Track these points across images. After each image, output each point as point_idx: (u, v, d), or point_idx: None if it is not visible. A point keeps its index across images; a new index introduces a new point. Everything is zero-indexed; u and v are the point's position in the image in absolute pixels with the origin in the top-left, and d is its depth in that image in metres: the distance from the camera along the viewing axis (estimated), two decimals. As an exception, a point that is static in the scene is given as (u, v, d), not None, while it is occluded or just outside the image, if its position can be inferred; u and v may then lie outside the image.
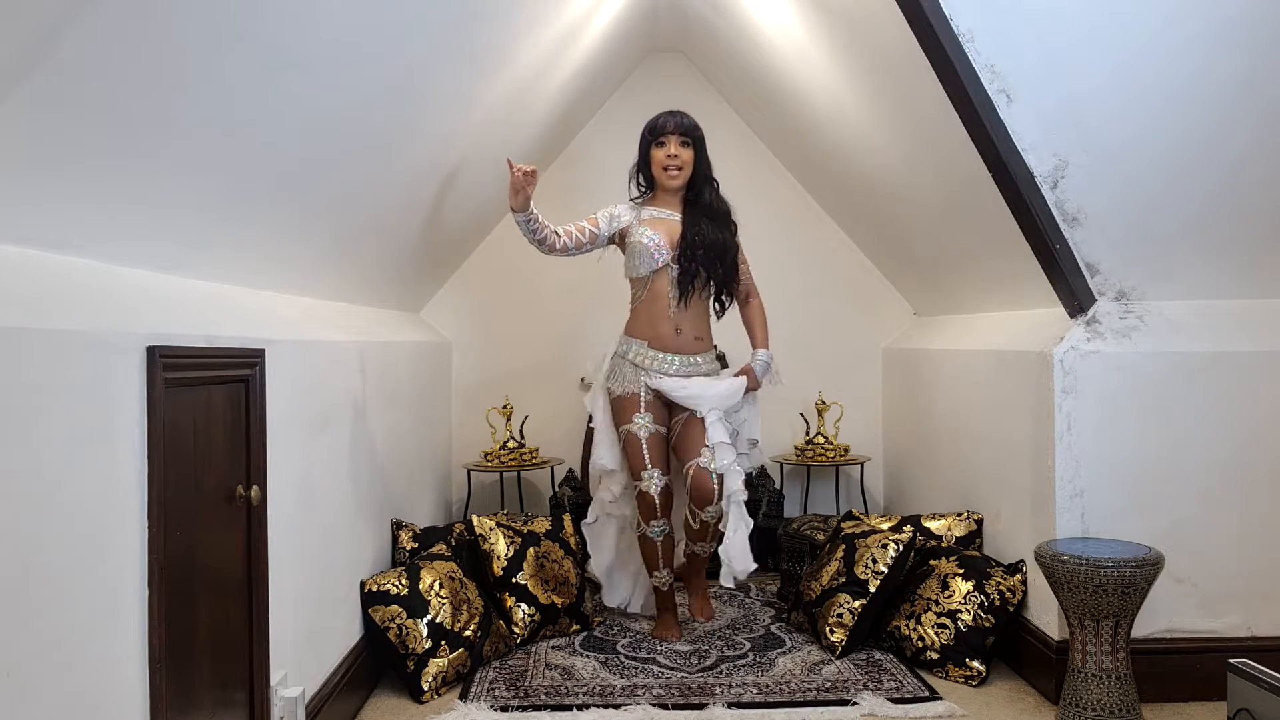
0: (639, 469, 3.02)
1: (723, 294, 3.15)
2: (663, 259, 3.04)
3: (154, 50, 1.32)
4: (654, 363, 3.05)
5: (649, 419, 3.03)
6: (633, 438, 3.04)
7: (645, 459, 3.01)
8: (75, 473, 1.28)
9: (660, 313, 3.06)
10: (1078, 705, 2.31)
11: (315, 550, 2.27)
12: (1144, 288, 2.63)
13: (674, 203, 3.13)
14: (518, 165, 2.88)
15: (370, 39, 1.93)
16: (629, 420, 3.05)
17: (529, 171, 2.89)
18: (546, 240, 3.03)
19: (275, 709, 1.92)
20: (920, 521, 3.20)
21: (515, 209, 2.94)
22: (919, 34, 2.30)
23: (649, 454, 3.01)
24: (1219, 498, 2.59)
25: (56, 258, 1.35)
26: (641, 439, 3.02)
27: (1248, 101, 2.28)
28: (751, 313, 3.23)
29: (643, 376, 3.05)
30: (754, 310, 3.23)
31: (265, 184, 1.88)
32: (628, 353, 3.09)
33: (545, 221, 3.02)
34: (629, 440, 3.05)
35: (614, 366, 3.13)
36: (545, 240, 3.03)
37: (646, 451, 3.01)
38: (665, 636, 3.07)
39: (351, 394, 2.62)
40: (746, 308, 3.23)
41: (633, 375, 3.06)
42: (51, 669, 1.23)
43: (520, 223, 2.98)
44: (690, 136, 3.08)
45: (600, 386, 3.19)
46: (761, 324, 3.21)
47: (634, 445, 3.03)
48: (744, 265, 3.18)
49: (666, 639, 3.06)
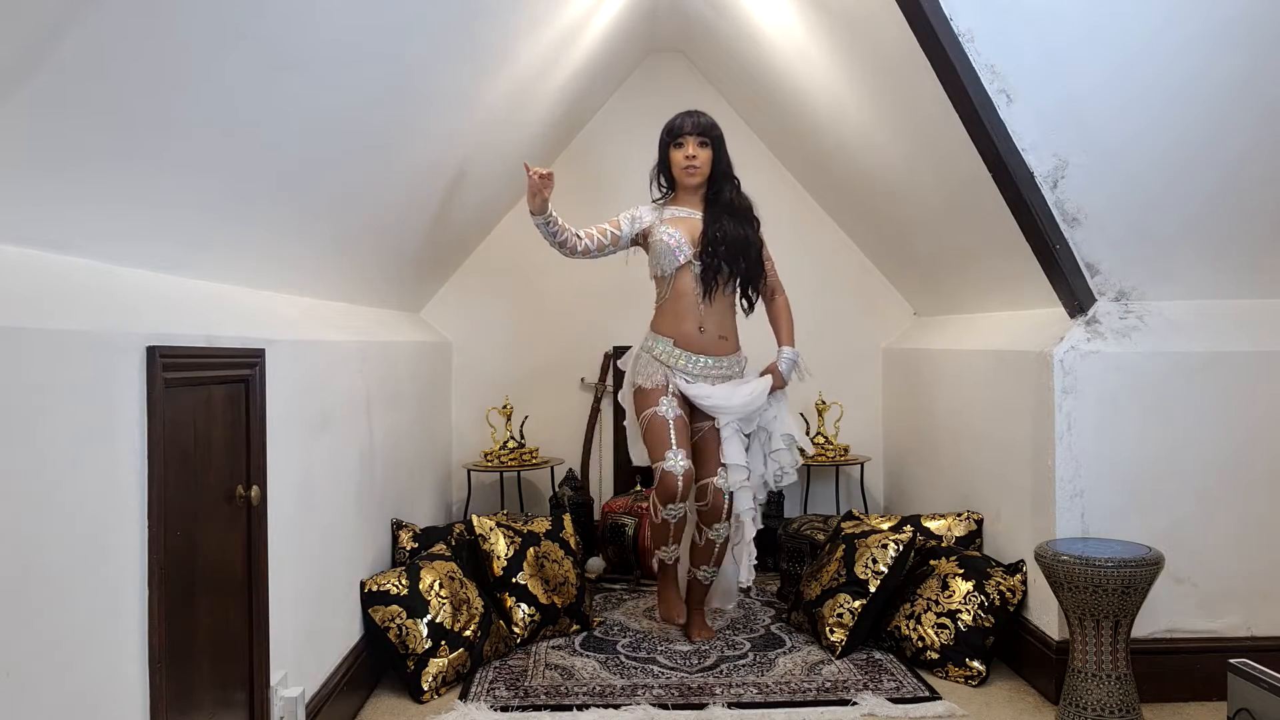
0: (664, 448, 2.95)
1: (749, 290, 3.15)
2: (685, 256, 3.04)
3: (155, 50, 1.32)
4: (680, 362, 3.05)
5: (675, 403, 3.01)
6: (659, 419, 2.99)
7: (671, 439, 2.95)
8: (75, 473, 1.28)
9: (685, 310, 3.06)
10: (1078, 705, 2.31)
11: (315, 550, 2.27)
12: (1144, 288, 2.63)
13: (695, 201, 3.13)
14: (534, 168, 2.88)
15: (371, 39, 1.93)
16: (655, 403, 3.01)
17: (545, 174, 2.89)
18: (567, 243, 3.03)
19: (275, 709, 1.92)
20: (920, 521, 3.21)
21: (534, 212, 2.94)
22: (919, 34, 2.30)
23: (675, 434, 2.96)
24: (1219, 497, 2.59)
25: (57, 258, 1.35)
26: (669, 419, 2.98)
27: (1248, 101, 2.28)
28: (777, 310, 3.22)
29: (668, 375, 3.04)
30: (779, 307, 3.22)
31: (266, 184, 1.88)
32: (654, 349, 3.09)
33: (565, 224, 3.02)
34: (654, 422, 3.00)
35: (639, 362, 3.12)
36: (566, 243, 3.03)
37: (673, 431, 2.96)
38: (671, 618, 3.12)
39: (351, 394, 2.62)
40: (772, 304, 3.22)
41: (657, 369, 3.06)
42: (51, 669, 1.23)
43: (539, 225, 2.97)
44: (708, 136, 3.08)
45: (629, 383, 3.18)
46: (787, 321, 3.20)
47: (659, 426, 2.98)
48: (769, 262, 3.18)
49: (673, 620, 3.11)
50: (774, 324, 3.22)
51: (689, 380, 3.03)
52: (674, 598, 3.15)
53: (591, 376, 4.25)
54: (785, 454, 3.11)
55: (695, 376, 3.04)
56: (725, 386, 3.04)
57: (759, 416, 3.08)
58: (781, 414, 3.13)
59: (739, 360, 3.13)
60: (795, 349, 3.17)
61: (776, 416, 3.11)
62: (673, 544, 3.08)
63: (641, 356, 3.12)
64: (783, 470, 3.12)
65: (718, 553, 3.06)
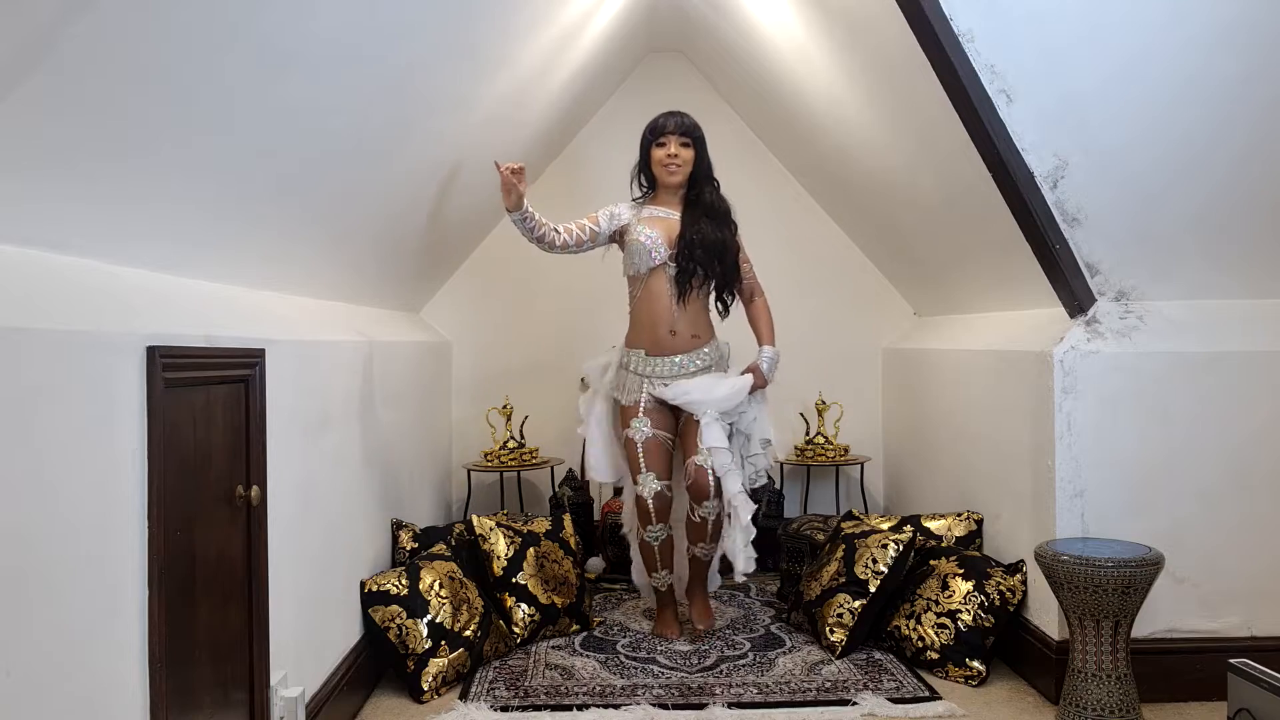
0: (635, 473, 3.05)
1: (724, 294, 3.15)
2: (660, 257, 3.05)
3: (154, 50, 1.32)
4: (653, 369, 3.07)
5: (646, 424, 3.04)
6: (630, 442, 3.06)
7: (641, 462, 3.02)
8: (75, 473, 1.28)
9: (657, 313, 3.07)
10: (1078, 705, 2.31)
11: (315, 550, 2.27)
12: (1144, 288, 2.63)
13: (674, 202, 3.14)
14: (504, 164, 2.88)
15: (370, 39, 1.93)
16: (628, 425, 3.07)
17: (517, 169, 2.88)
18: (545, 238, 3.04)
19: (275, 709, 1.92)
20: (920, 521, 3.20)
21: (510, 209, 2.94)
22: (919, 34, 2.30)
23: (645, 457, 3.02)
24: (1219, 497, 2.58)
25: (56, 258, 1.35)
26: (637, 442, 3.04)
27: (1248, 102, 2.28)
28: (756, 311, 3.23)
29: (644, 385, 3.07)
30: (758, 309, 3.23)
31: (265, 184, 1.88)
32: (629, 363, 3.12)
33: (543, 219, 3.02)
34: (626, 444, 3.08)
35: (619, 378, 3.16)
36: (544, 238, 3.04)
37: (642, 455, 3.03)
38: (666, 634, 3.09)
39: (351, 394, 2.62)
40: (751, 306, 3.23)
41: (635, 384, 3.09)
42: (51, 669, 1.23)
43: (516, 222, 2.98)
44: (690, 136, 3.09)
45: (599, 395, 3.20)
46: (767, 322, 3.21)
47: (631, 449, 3.06)
48: (746, 265, 3.19)
49: (667, 637, 3.08)
50: (754, 325, 3.23)
51: (665, 384, 3.04)
52: (670, 618, 3.14)
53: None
54: (762, 458, 3.13)
55: (672, 378, 3.06)
56: (706, 379, 3.04)
57: (738, 417, 3.08)
58: (761, 416, 3.13)
59: (715, 347, 3.14)
60: (776, 348, 3.17)
61: (755, 419, 3.12)
62: (664, 570, 3.09)
63: (620, 373, 3.15)
64: (758, 472, 3.13)
65: (711, 529, 3.05)
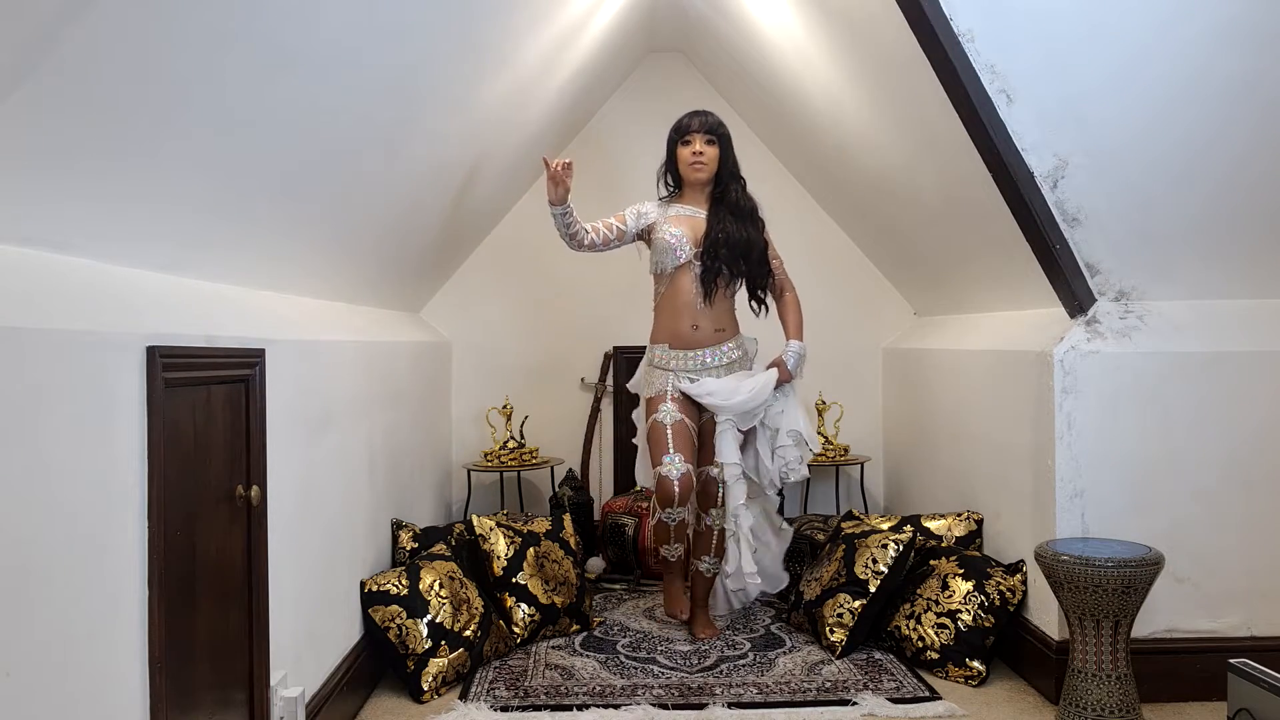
0: (661, 454, 3.00)
1: (757, 291, 3.17)
2: (685, 255, 3.07)
3: (154, 50, 1.32)
4: (678, 362, 3.09)
5: (674, 408, 3.04)
6: (657, 425, 3.04)
7: (669, 443, 2.99)
8: (75, 472, 1.28)
9: (681, 309, 3.09)
10: (1078, 705, 2.31)
11: (315, 550, 2.27)
12: (1144, 288, 2.63)
13: (700, 200, 3.16)
14: (555, 160, 2.93)
15: (370, 39, 1.93)
16: (655, 410, 3.07)
17: (566, 164, 2.94)
18: (577, 235, 3.07)
19: (275, 709, 1.92)
20: (920, 521, 3.20)
21: (555, 202, 2.97)
22: (919, 34, 2.30)
23: (673, 439, 3.00)
24: (1219, 497, 2.58)
25: (56, 258, 1.35)
26: (666, 425, 3.02)
27: (1248, 102, 2.28)
28: (785, 306, 3.24)
29: (670, 379, 3.08)
30: (788, 303, 3.24)
31: (265, 183, 1.88)
32: (654, 359, 3.15)
33: (578, 217, 3.06)
34: (654, 428, 3.05)
35: (645, 375, 3.18)
36: (576, 235, 3.07)
37: (671, 436, 3.00)
38: (674, 612, 3.17)
39: (351, 394, 2.62)
40: (780, 301, 3.25)
41: (661, 379, 3.10)
42: (51, 669, 1.23)
43: (556, 215, 3.01)
44: (715, 134, 3.12)
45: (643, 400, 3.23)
46: (795, 315, 3.21)
47: (658, 432, 3.03)
48: (776, 261, 3.20)
49: (675, 614, 3.16)
50: (782, 318, 3.24)
51: (692, 379, 3.06)
52: (677, 593, 3.19)
53: (592, 376, 4.25)
54: (791, 450, 3.09)
55: (697, 373, 3.07)
56: (730, 380, 3.06)
57: (764, 412, 3.08)
58: (789, 409, 3.11)
59: (740, 343, 3.16)
60: (803, 343, 3.17)
61: (783, 412, 3.11)
62: (675, 543, 3.10)
63: (646, 370, 3.19)
64: (789, 466, 3.10)
65: (716, 543, 3.08)
